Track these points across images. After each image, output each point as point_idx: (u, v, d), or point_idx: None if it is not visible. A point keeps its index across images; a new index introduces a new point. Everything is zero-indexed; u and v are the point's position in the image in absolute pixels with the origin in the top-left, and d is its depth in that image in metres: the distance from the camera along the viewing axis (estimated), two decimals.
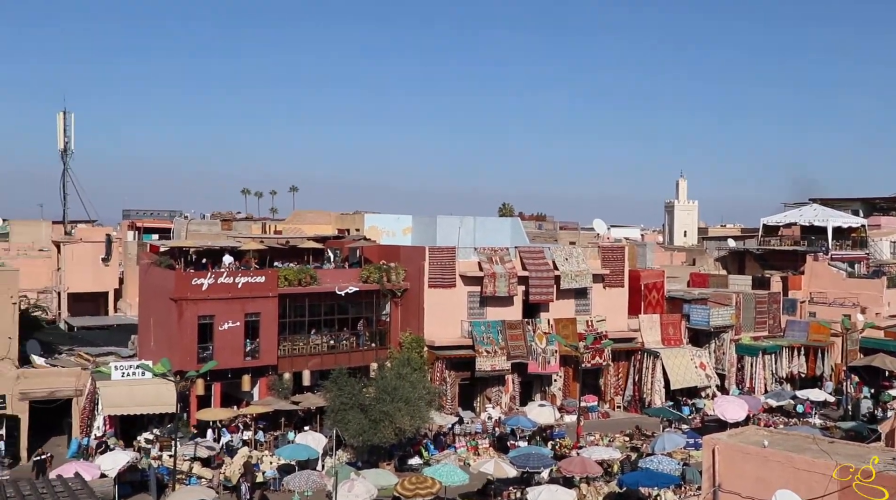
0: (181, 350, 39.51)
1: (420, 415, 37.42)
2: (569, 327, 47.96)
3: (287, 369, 42.75)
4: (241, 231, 63.54)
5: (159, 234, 72.27)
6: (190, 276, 40.52)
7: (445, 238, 49.15)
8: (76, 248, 64.94)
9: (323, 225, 59.77)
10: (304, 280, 43.11)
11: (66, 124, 75.88)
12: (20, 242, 75.83)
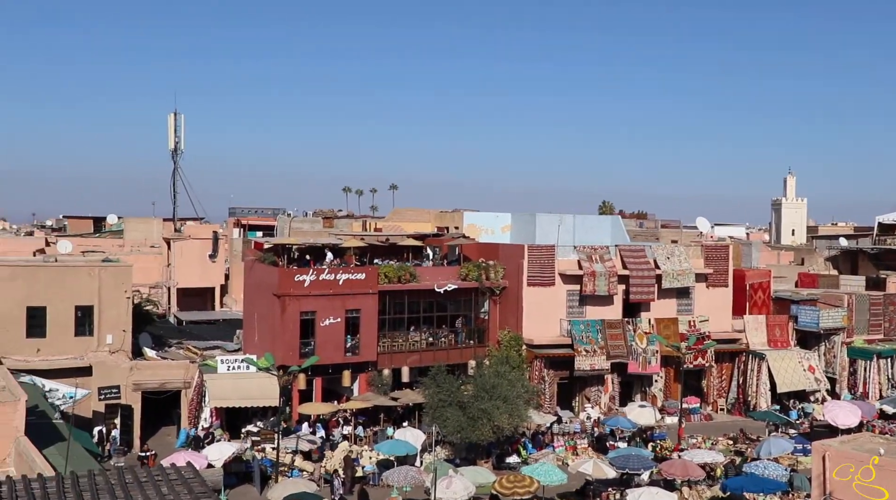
0: (284, 345, 40.37)
1: (518, 413, 37.28)
2: (670, 327, 47.01)
3: (386, 365, 43.20)
4: (342, 229, 64.56)
5: (263, 231, 74.15)
6: (293, 272, 41.36)
7: (544, 236, 48.81)
8: (185, 244, 67.10)
9: (422, 223, 60.17)
10: (403, 277, 43.48)
11: (176, 125, 78.48)
12: (133, 238, 78.74)
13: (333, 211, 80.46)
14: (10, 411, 21.53)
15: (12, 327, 39.86)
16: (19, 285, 40.38)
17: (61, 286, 41.01)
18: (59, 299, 40.83)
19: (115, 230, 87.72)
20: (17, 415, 21.54)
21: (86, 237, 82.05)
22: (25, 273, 41.11)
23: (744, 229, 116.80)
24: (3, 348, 38.63)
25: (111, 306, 41.76)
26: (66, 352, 40.71)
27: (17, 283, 40.39)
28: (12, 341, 39.61)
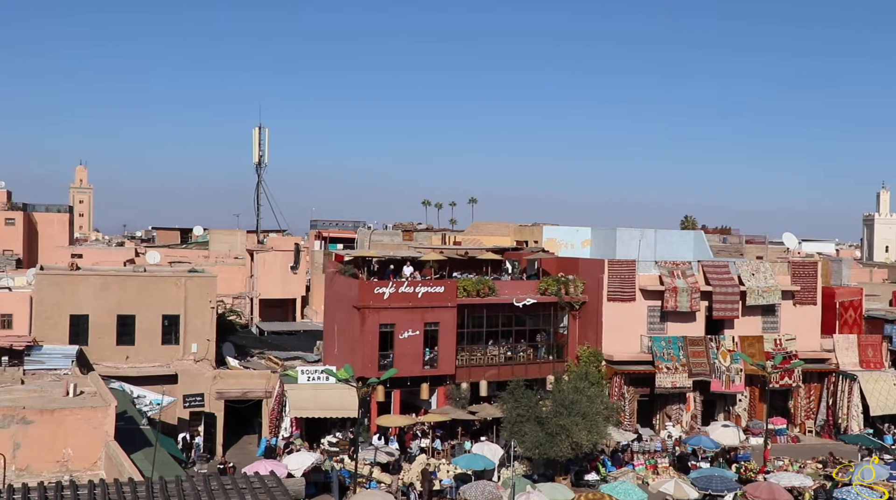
0: (363, 357, 40.68)
1: (597, 430, 36.78)
2: (755, 346, 45.81)
3: (464, 378, 43.13)
4: (421, 242, 64.87)
5: (344, 243, 74.97)
6: (372, 285, 41.70)
7: (625, 251, 48.19)
8: (267, 256, 68.38)
9: (501, 236, 60.06)
10: (482, 291, 43.41)
11: (260, 139, 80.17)
12: (218, 250, 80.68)
13: (413, 224, 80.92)
14: (101, 416, 22.17)
15: (104, 335, 41.17)
16: (111, 293, 41.71)
17: (149, 296, 42.21)
18: (147, 307, 42.02)
19: (201, 242, 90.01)
20: (108, 420, 22.18)
21: (173, 248, 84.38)
22: (116, 283, 42.44)
23: (833, 246, 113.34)
24: (95, 354, 39.90)
25: (196, 316, 42.78)
26: (153, 360, 41.84)
27: (109, 292, 41.72)
28: (104, 348, 40.91)
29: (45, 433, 21.51)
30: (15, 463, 20.98)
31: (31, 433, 21.36)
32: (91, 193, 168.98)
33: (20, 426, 21.28)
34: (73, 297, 41.28)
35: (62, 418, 21.91)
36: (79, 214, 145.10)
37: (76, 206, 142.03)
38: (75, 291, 41.47)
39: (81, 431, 21.85)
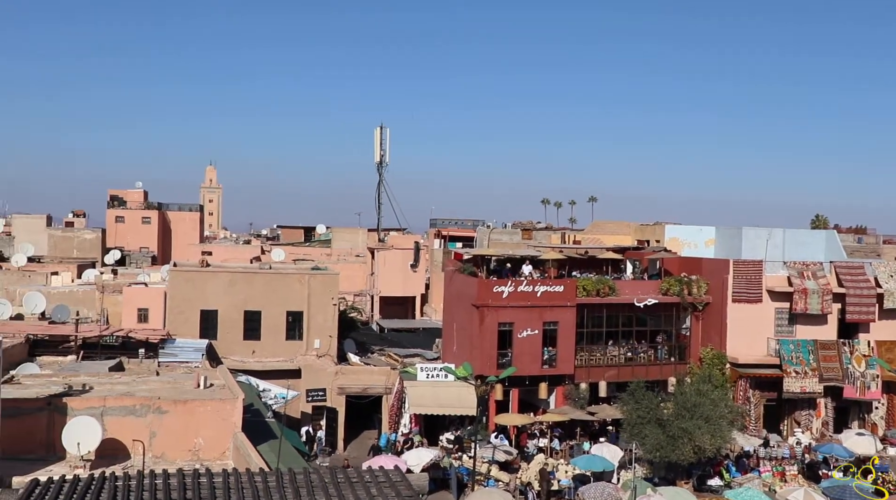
0: (482, 355, 40.77)
1: (721, 434, 35.73)
2: (893, 351, 43.57)
3: (584, 379, 42.69)
4: (540, 240, 64.52)
5: (463, 242, 75.33)
6: (491, 283, 41.73)
7: (751, 251, 46.63)
8: (388, 254, 69.36)
9: (622, 236, 59.13)
10: (602, 291, 42.85)
11: (382, 138, 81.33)
12: (340, 248, 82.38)
13: (532, 223, 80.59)
14: (230, 409, 22.95)
15: (232, 330, 42.68)
16: (238, 290, 43.19)
17: (275, 292, 43.48)
18: (272, 304, 43.31)
19: (324, 240, 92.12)
20: (236, 412, 22.94)
21: (297, 246, 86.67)
22: (244, 279, 43.92)
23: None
24: (223, 348, 41.37)
25: (319, 312, 43.82)
26: (277, 354, 43.09)
27: (237, 288, 43.21)
28: (231, 342, 42.40)
29: (179, 422, 22.43)
30: (151, 450, 21.98)
31: (166, 422, 22.32)
32: (220, 192, 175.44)
33: (156, 415, 22.28)
34: (203, 293, 42.95)
35: (194, 408, 22.79)
36: (208, 212, 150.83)
37: (206, 205, 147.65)
38: (205, 287, 43.13)
39: (212, 421, 22.68)
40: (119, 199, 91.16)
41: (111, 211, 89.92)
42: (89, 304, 46.11)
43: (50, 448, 21.19)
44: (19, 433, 20.53)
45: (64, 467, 20.09)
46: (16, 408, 20.78)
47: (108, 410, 22.02)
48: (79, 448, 20.31)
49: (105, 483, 14.07)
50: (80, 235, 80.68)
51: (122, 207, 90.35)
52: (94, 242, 79.11)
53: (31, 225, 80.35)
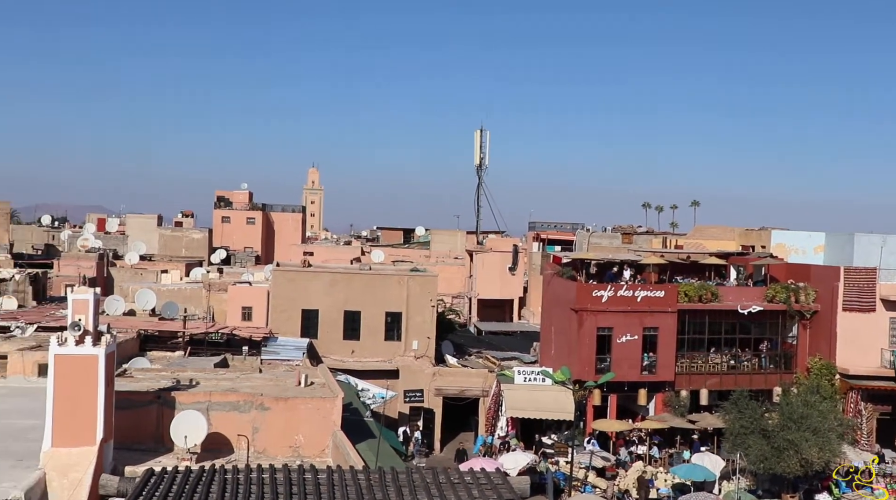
0: (580, 360, 40.37)
1: (830, 448, 34.39)
2: None
3: (684, 386, 41.77)
4: (641, 245, 63.46)
5: (562, 245, 74.70)
6: (590, 287, 41.27)
7: (864, 258, 44.72)
8: (486, 257, 69.38)
9: (726, 241, 57.60)
10: (704, 297, 41.86)
11: (482, 141, 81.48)
12: (439, 250, 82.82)
13: (632, 227, 79.35)
14: (330, 407, 23.32)
15: (332, 329, 43.42)
16: (339, 290, 43.91)
17: (374, 293, 44.02)
18: (371, 304, 43.86)
19: (423, 242, 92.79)
20: (335, 410, 23.29)
21: (396, 248, 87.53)
22: (344, 280, 44.62)
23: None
24: (323, 347, 42.14)
25: (417, 314, 44.16)
26: (376, 354, 43.61)
27: (337, 288, 43.94)
28: (332, 341, 43.14)
29: (280, 419, 22.91)
30: (254, 445, 22.51)
31: (268, 418, 22.82)
32: (322, 194, 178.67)
33: (259, 411, 22.81)
34: (304, 292, 43.83)
35: (295, 406, 23.25)
36: (310, 214, 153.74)
37: (308, 206, 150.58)
38: (307, 287, 44.00)
39: (312, 419, 23.08)
40: (225, 200, 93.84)
41: (218, 212, 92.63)
42: (196, 301, 47.61)
43: (159, 440, 21.93)
44: (131, 425, 21.31)
45: (172, 458, 20.77)
46: (128, 400, 21.59)
47: (214, 405, 22.66)
48: (185, 441, 20.97)
49: (215, 476, 14.52)
50: (189, 234, 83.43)
51: (228, 207, 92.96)
52: (201, 242, 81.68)
53: (144, 225, 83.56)
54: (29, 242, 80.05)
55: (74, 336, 18.31)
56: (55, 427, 18.12)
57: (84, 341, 18.41)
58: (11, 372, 28.35)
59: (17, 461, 18.58)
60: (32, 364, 28.33)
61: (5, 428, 21.44)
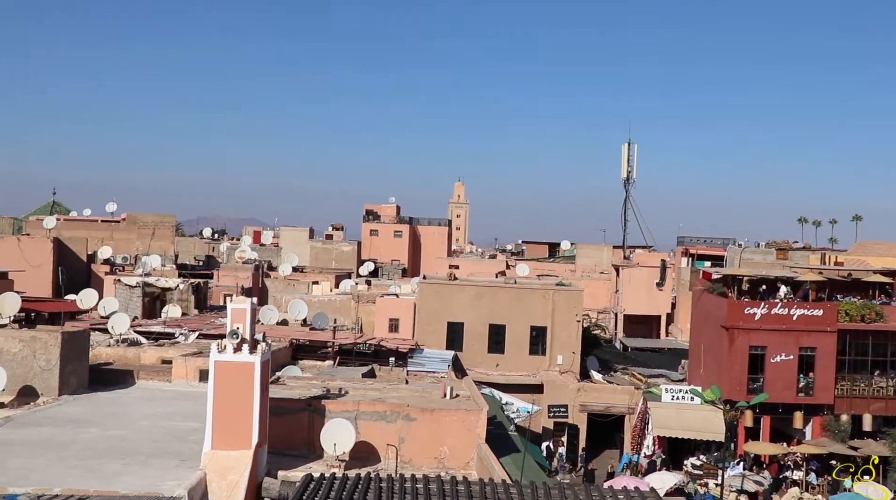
0: (731, 379, 38.99)
1: None
2: None
3: (844, 410, 39.62)
4: (797, 261, 60.71)
5: (712, 261, 72.42)
6: (743, 305, 39.84)
7: None
8: (633, 272, 68.14)
9: (891, 257, 54.34)
10: (868, 316, 39.64)
11: (629, 154, 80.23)
12: (584, 264, 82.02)
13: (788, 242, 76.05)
14: (475, 419, 23.40)
15: (477, 342, 43.66)
16: (484, 303, 44.14)
17: (519, 307, 44.02)
18: (516, 318, 43.86)
19: (568, 256, 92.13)
20: (480, 423, 23.35)
21: (541, 262, 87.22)
22: (489, 293, 44.81)
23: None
24: (468, 360, 42.41)
25: (562, 328, 43.82)
26: (520, 368, 43.54)
27: (482, 302, 44.17)
28: (476, 354, 43.38)
29: (426, 430, 23.15)
30: (400, 455, 22.85)
31: (414, 429, 23.12)
32: (467, 208, 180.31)
33: (405, 422, 23.14)
34: (450, 305, 44.28)
35: (440, 417, 23.44)
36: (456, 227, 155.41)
37: (454, 220, 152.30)
38: (453, 300, 44.44)
39: (457, 431, 23.22)
40: (374, 213, 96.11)
41: (366, 225, 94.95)
42: (345, 312, 48.90)
43: (310, 447, 22.58)
44: (284, 431, 22.06)
45: (321, 465, 21.34)
46: (281, 407, 22.35)
47: (361, 414, 23.15)
48: (335, 448, 21.50)
49: (370, 484, 14.88)
50: (339, 247, 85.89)
51: (376, 221, 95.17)
52: (350, 254, 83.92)
53: (296, 237, 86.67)
54: (191, 254, 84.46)
55: (233, 344, 19.13)
56: (215, 430, 18.96)
57: (241, 348, 19.20)
58: (176, 376, 29.90)
59: (181, 461, 19.56)
60: (194, 370, 29.77)
61: (170, 429, 22.64)
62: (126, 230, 68.17)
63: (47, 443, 20.78)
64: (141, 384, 29.40)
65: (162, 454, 20.27)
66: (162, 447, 20.94)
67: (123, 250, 65.01)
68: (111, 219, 70.68)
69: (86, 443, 20.97)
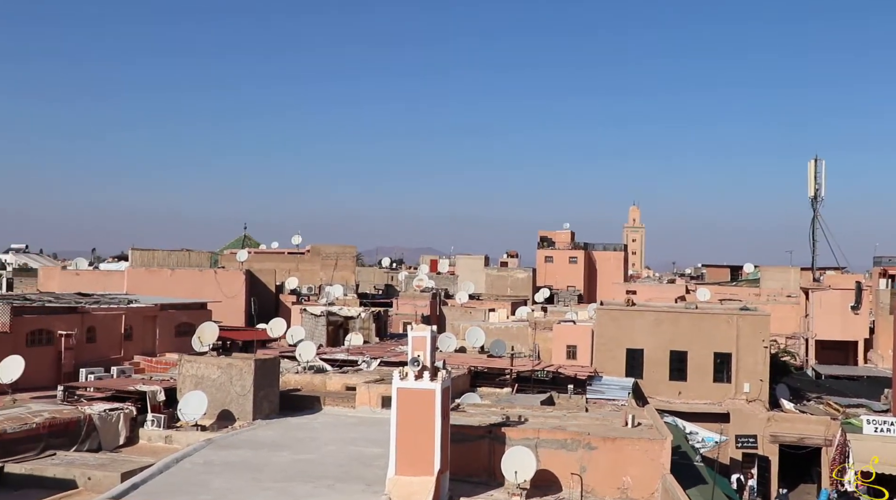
0: None
1: None
2: None
3: None
4: None
5: None
6: None
7: None
8: (824, 295, 64.38)
9: None
10: None
11: (816, 171, 76.27)
12: (770, 288, 78.36)
13: None
14: (658, 449, 22.72)
15: (657, 369, 42.50)
16: (663, 329, 42.94)
17: (700, 332, 42.54)
18: (698, 344, 42.39)
19: (752, 279, 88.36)
20: (664, 453, 22.64)
21: (723, 285, 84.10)
22: (669, 319, 43.58)
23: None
24: (648, 388, 41.30)
25: (748, 355, 41.97)
26: (704, 397, 41.96)
27: (662, 327, 42.99)
28: (657, 382, 42.20)
29: (607, 459, 22.69)
30: (581, 485, 22.47)
31: (595, 458, 22.70)
32: (643, 232, 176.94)
33: (586, 450, 22.77)
34: (628, 331, 43.37)
35: (622, 446, 22.91)
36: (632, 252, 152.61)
37: (629, 244, 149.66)
38: (631, 325, 43.51)
39: (640, 461, 22.61)
40: (548, 240, 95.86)
41: (541, 251, 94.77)
42: (522, 339, 48.83)
43: (490, 474, 22.60)
44: (464, 458, 22.19)
45: (502, 493, 21.31)
46: (462, 434, 22.52)
47: (542, 442, 22.95)
48: (516, 476, 21.41)
49: None
50: (514, 274, 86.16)
51: (550, 247, 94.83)
52: (525, 281, 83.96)
53: (472, 265, 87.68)
54: (371, 283, 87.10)
55: (414, 371, 19.49)
56: (398, 456, 19.33)
57: (423, 375, 19.53)
58: (359, 403, 30.80)
59: (366, 485, 20.07)
60: (377, 396, 30.56)
61: (355, 454, 23.30)
62: (310, 261, 71.26)
63: (244, 465, 21.86)
64: (327, 410, 30.47)
65: (349, 478, 20.86)
66: (348, 471, 21.56)
67: (308, 280, 67.93)
68: (297, 251, 74.06)
69: (278, 466, 21.90)
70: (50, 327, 35.43)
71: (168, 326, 42.95)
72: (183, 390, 28.56)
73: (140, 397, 28.09)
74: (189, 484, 20.06)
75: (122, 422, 26.48)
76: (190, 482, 20.27)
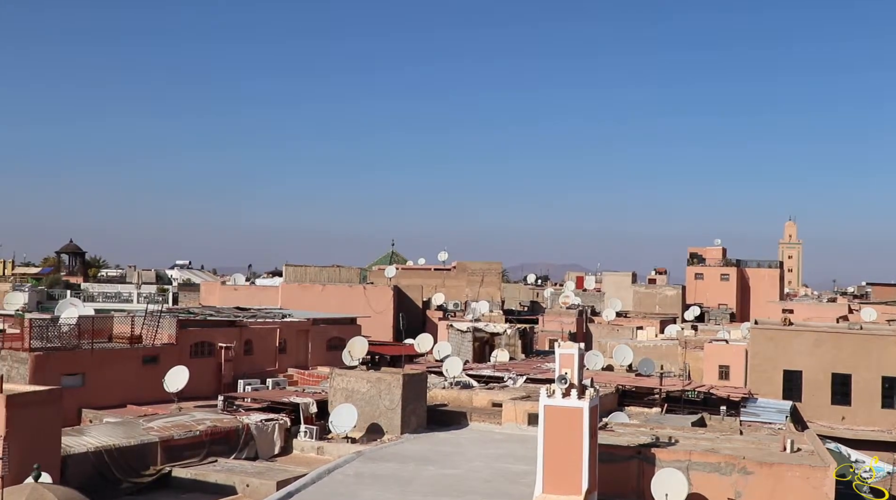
0: None
1: None
2: None
3: None
4: None
5: None
6: None
7: None
8: None
9: None
10: None
11: None
12: None
13: None
14: (821, 477, 21.55)
15: (817, 393, 40.48)
16: (824, 351, 40.90)
17: (867, 354, 40.30)
18: (864, 367, 40.15)
19: None
20: (828, 482, 21.45)
21: (890, 305, 79.32)
22: (830, 340, 41.48)
23: None
24: (808, 412, 39.36)
25: None
26: (871, 423, 39.66)
27: (822, 349, 40.96)
28: (818, 406, 40.21)
29: (764, 485, 21.70)
30: None
31: (751, 483, 21.76)
32: (800, 248, 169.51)
33: (741, 475, 21.87)
34: (786, 352, 41.53)
35: (781, 472, 21.86)
36: (788, 269, 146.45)
37: (785, 261, 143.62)
38: (788, 346, 41.65)
39: (800, 489, 21.51)
40: (698, 256, 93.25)
41: (691, 268, 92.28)
42: (671, 358, 47.56)
43: (640, 495, 22.04)
44: (613, 478, 21.73)
45: None
46: (610, 454, 22.09)
47: (693, 464, 22.20)
48: (666, 499, 20.80)
49: None
50: (662, 291, 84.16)
51: (700, 264, 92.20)
52: (674, 299, 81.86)
53: (619, 282, 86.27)
54: (516, 299, 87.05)
55: (561, 389, 19.27)
56: (546, 474, 19.12)
57: (570, 393, 19.28)
58: (505, 419, 30.72)
59: None
60: (523, 413, 30.40)
61: (501, 471, 23.25)
62: (456, 278, 71.96)
63: (393, 478, 22.22)
64: (473, 426, 30.56)
65: (495, 494, 20.84)
66: (495, 487, 21.53)
67: (454, 296, 68.58)
68: (443, 267, 74.99)
69: (426, 480, 22.13)
70: (211, 340, 37.17)
71: (320, 340, 44.26)
72: (334, 402, 29.31)
73: (294, 409, 29.04)
74: (340, 495, 20.55)
75: (277, 432, 27.45)
76: (341, 492, 20.77)
